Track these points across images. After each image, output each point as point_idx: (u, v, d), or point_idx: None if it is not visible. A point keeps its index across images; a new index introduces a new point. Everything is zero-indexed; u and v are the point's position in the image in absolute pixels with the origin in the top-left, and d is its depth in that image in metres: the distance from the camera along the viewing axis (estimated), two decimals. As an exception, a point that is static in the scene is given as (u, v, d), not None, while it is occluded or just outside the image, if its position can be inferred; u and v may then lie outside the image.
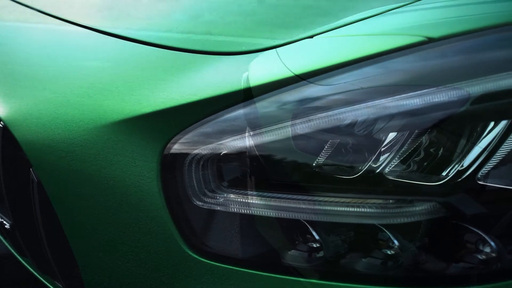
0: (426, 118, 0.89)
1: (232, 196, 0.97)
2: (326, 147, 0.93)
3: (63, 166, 1.06)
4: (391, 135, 0.92)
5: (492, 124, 0.89)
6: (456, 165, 0.90)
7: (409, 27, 0.97)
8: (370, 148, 0.92)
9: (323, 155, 0.93)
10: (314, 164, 0.94)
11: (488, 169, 0.89)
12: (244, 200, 0.96)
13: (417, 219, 0.91)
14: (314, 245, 0.96)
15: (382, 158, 0.92)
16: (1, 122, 1.22)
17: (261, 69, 0.98)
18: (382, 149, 0.92)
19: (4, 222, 1.42)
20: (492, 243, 0.90)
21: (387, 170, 0.92)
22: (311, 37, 1.01)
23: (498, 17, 0.93)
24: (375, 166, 0.92)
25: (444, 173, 0.90)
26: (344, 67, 0.91)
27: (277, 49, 1.01)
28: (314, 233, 0.96)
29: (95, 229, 1.06)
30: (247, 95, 0.94)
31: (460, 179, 0.89)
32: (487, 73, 0.87)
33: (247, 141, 0.94)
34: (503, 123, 0.88)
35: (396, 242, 0.93)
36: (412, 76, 0.91)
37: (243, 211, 0.96)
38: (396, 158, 0.92)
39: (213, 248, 1.00)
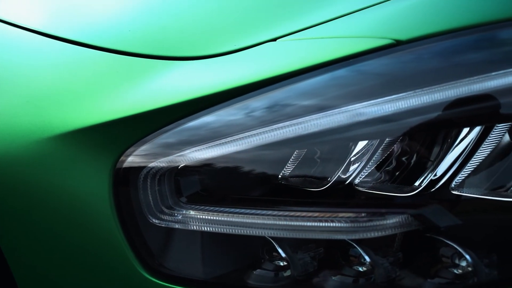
0: (397, 124, 0.87)
1: (192, 212, 0.94)
2: (293, 157, 0.91)
3: (2, 184, 1.00)
4: (361, 144, 0.90)
5: (466, 130, 0.87)
6: (429, 175, 0.89)
7: (377, 28, 0.95)
8: (340, 157, 0.90)
9: (290, 166, 0.91)
10: (280, 176, 0.92)
11: (463, 178, 0.88)
12: (205, 216, 0.93)
13: (390, 233, 0.89)
14: (281, 264, 0.94)
15: (352, 168, 0.90)
16: None
17: (220, 75, 0.95)
18: (352, 159, 0.90)
19: None
20: (468, 257, 0.89)
21: (357, 181, 0.91)
22: (274, 40, 0.99)
23: (472, 17, 0.91)
24: (344, 177, 0.91)
25: (417, 183, 0.89)
26: (310, 71, 0.88)
27: (238, 53, 0.98)
28: (280, 251, 0.94)
29: (39, 255, 1.01)
30: (206, 102, 0.90)
31: (433, 189, 0.88)
32: (460, 77, 0.85)
33: (208, 152, 0.90)
34: (477, 129, 0.87)
35: (367, 258, 0.91)
36: (381, 81, 0.88)
37: (204, 228, 0.93)
38: (367, 168, 0.90)
39: (172, 269, 0.96)
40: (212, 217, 0.92)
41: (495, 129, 0.86)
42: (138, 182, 0.93)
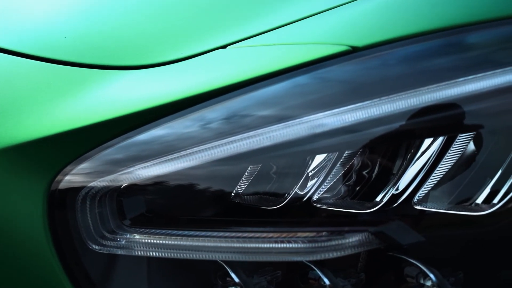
0: (357, 136, 0.84)
1: (136, 236, 0.88)
2: (246, 173, 0.87)
3: None
4: (320, 157, 0.86)
5: (429, 141, 0.84)
6: (391, 189, 0.86)
7: (332, 34, 0.92)
8: (296, 172, 0.87)
9: (244, 183, 0.87)
10: (233, 194, 0.88)
11: (426, 191, 0.86)
12: (151, 240, 0.88)
13: (350, 253, 0.86)
14: (235, 289, 0.91)
15: (309, 184, 0.87)
16: None
17: (166, 85, 0.90)
18: (310, 173, 0.87)
19: None
20: (432, 276, 0.86)
21: (315, 197, 0.88)
22: (224, 47, 0.95)
23: (435, 22, 0.88)
24: (301, 193, 0.88)
25: (378, 198, 0.86)
26: (265, 79, 0.84)
27: (186, 61, 0.94)
28: (234, 276, 0.90)
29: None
30: (151, 115, 0.85)
31: (395, 205, 0.86)
32: (424, 84, 0.82)
33: (154, 169, 0.85)
34: (439, 140, 0.84)
35: (327, 280, 0.88)
36: (342, 89, 0.85)
37: (150, 253, 0.88)
38: (325, 183, 0.87)
39: (116, 301, 0.92)
40: (159, 241, 0.88)
41: (458, 139, 0.84)
42: (76, 204, 0.87)
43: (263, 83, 0.84)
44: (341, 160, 0.86)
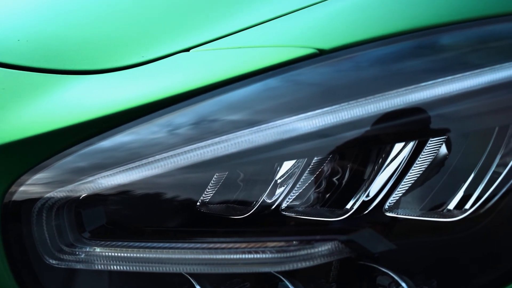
0: (326, 141, 0.81)
1: (97, 250, 0.85)
2: (212, 181, 0.84)
3: None
4: (288, 164, 0.84)
5: (399, 145, 0.83)
6: (362, 196, 0.84)
7: (298, 37, 0.90)
8: (264, 179, 0.85)
9: (210, 192, 0.85)
10: (199, 204, 0.85)
11: (397, 197, 0.84)
12: (112, 253, 0.85)
13: (319, 262, 0.83)
14: (201, 303, 0.88)
15: (278, 191, 0.85)
16: None
17: (126, 90, 0.87)
18: (278, 181, 0.85)
19: None
20: (404, 285, 0.84)
21: (284, 205, 0.85)
22: (187, 50, 0.93)
23: (403, 24, 0.86)
24: (269, 201, 0.85)
25: (348, 206, 0.84)
26: (230, 83, 0.82)
27: (148, 65, 0.92)
28: None
29: None
30: (111, 121, 0.82)
31: (366, 212, 0.84)
32: (394, 87, 0.80)
33: (114, 178, 0.82)
34: (410, 144, 0.82)
35: None
36: (311, 92, 0.82)
37: (112, 267, 0.85)
38: (294, 191, 0.85)
39: (76, 318, 0.88)
40: (121, 254, 0.85)
41: (430, 143, 0.82)
42: (31, 216, 0.83)
43: (228, 87, 0.82)
44: (310, 166, 0.84)
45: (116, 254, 0.85)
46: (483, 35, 0.83)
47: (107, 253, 0.85)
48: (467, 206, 0.83)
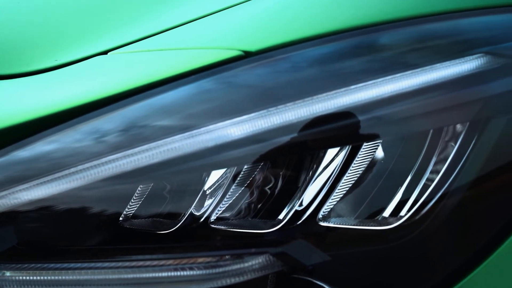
0: (256, 148, 0.77)
1: (7, 274, 0.78)
2: (136, 193, 0.79)
3: None
4: (216, 173, 0.80)
5: (333, 151, 0.79)
6: (294, 205, 0.80)
7: (222, 38, 0.86)
8: (191, 191, 0.80)
9: (133, 205, 0.79)
10: (121, 218, 0.79)
11: (331, 206, 0.81)
12: (24, 277, 0.78)
13: (249, 278, 0.79)
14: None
15: (206, 203, 0.81)
16: None
17: (37, 96, 0.81)
18: (206, 191, 0.80)
19: None
20: None
21: (213, 218, 0.81)
22: (105, 53, 0.88)
23: (337, 23, 0.82)
24: (198, 214, 0.81)
25: (281, 216, 0.80)
26: (154, 87, 0.77)
27: (62, 69, 0.86)
28: None
29: None
30: (23, 130, 0.76)
31: (299, 222, 0.80)
32: (328, 88, 0.76)
33: (25, 193, 0.75)
34: (344, 150, 0.79)
35: None
36: (239, 96, 0.78)
37: None
38: (224, 202, 0.82)
39: None
40: (35, 277, 0.78)
41: (364, 148, 0.79)
42: None
43: (152, 91, 0.77)
44: (241, 175, 0.80)
45: (29, 277, 0.78)
46: (419, 35, 0.81)
47: (18, 277, 0.78)
48: (402, 213, 0.80)
